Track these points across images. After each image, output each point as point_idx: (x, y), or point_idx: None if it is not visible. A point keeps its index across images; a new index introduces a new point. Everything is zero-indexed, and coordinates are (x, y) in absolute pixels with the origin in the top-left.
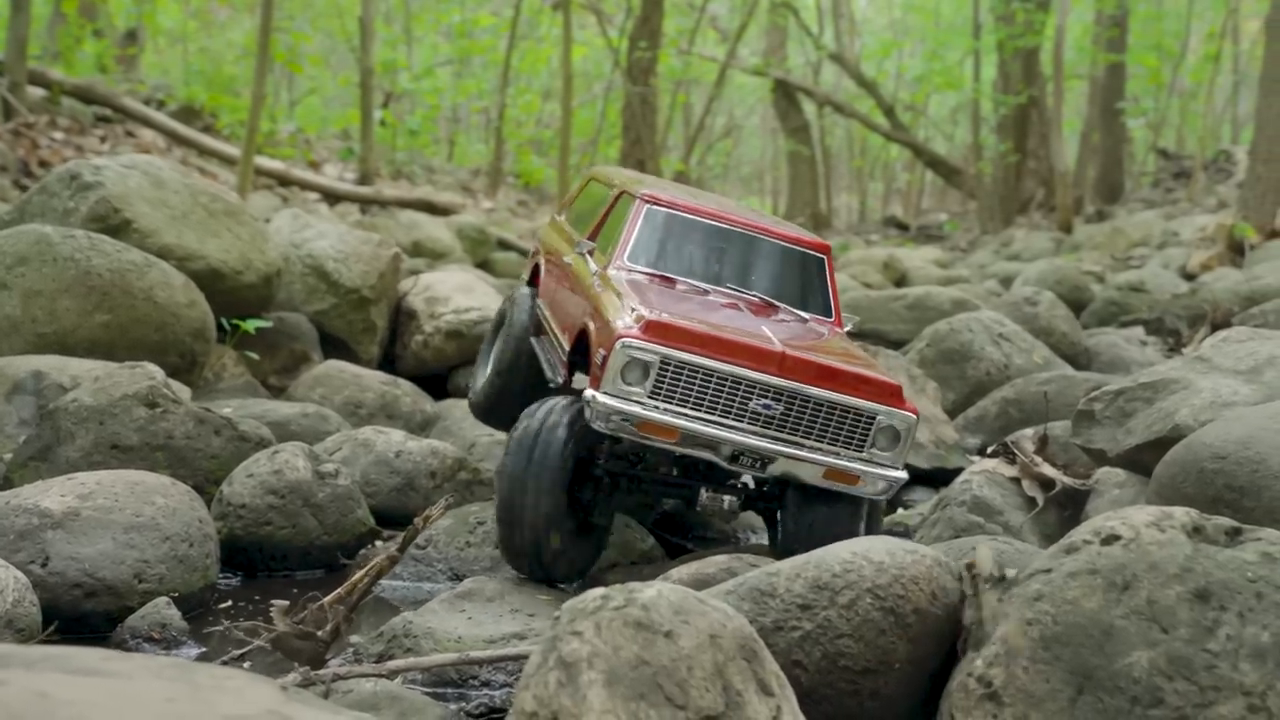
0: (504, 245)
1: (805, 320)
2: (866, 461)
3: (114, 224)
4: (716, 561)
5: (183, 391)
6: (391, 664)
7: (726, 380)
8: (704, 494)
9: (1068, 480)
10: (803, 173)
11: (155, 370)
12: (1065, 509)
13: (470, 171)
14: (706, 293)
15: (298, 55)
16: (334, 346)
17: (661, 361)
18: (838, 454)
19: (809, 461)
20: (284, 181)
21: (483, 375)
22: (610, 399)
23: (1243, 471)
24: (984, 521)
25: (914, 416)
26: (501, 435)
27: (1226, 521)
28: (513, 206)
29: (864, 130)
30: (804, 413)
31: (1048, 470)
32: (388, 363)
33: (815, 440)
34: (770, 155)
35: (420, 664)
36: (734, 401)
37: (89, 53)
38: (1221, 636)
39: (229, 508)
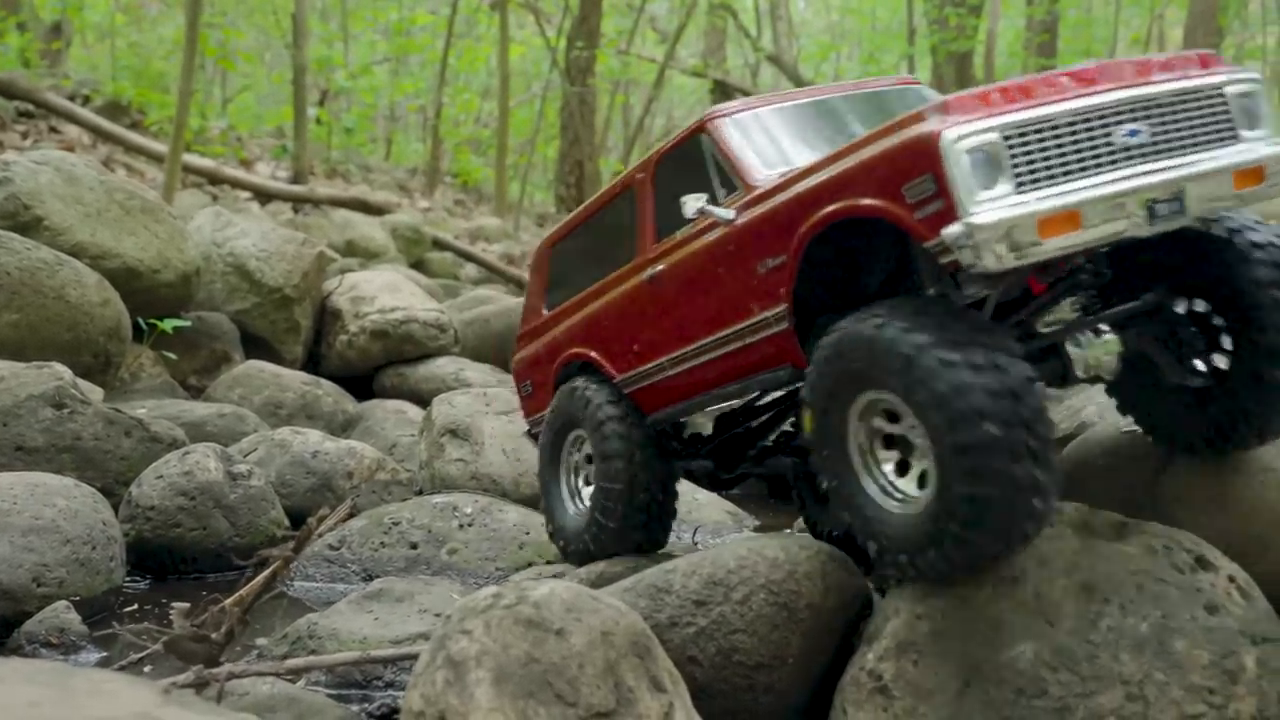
0: (439, 245)
1: None
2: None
3: (24, 221)
4: (623, 559)
5: (94, 392)
6: (288, 663)
7: (1078, 123)
8: (1079, 344)
9: None
10: None
11: (63, 370)
12: None
13: (407, 170)
14: None
15: (229, 52)
16: (257, 346)
17: (1004, 137)
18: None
19: (1214, 172)
20: (214, 180)
21: (573, 512)
22: (989, 212)
23: (1133, 467)
24: None
25: (1258, 75)
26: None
27: (1114, 516)
28: (450, 206)
29: None
30: (1165, 124)
31: None
32: (312, 362)
33: (1192, 152)
34: None
35: (317, 663)
36: (1098, 148)
37: (11, 46)
38: (1103, 628)
39: (138, 509)
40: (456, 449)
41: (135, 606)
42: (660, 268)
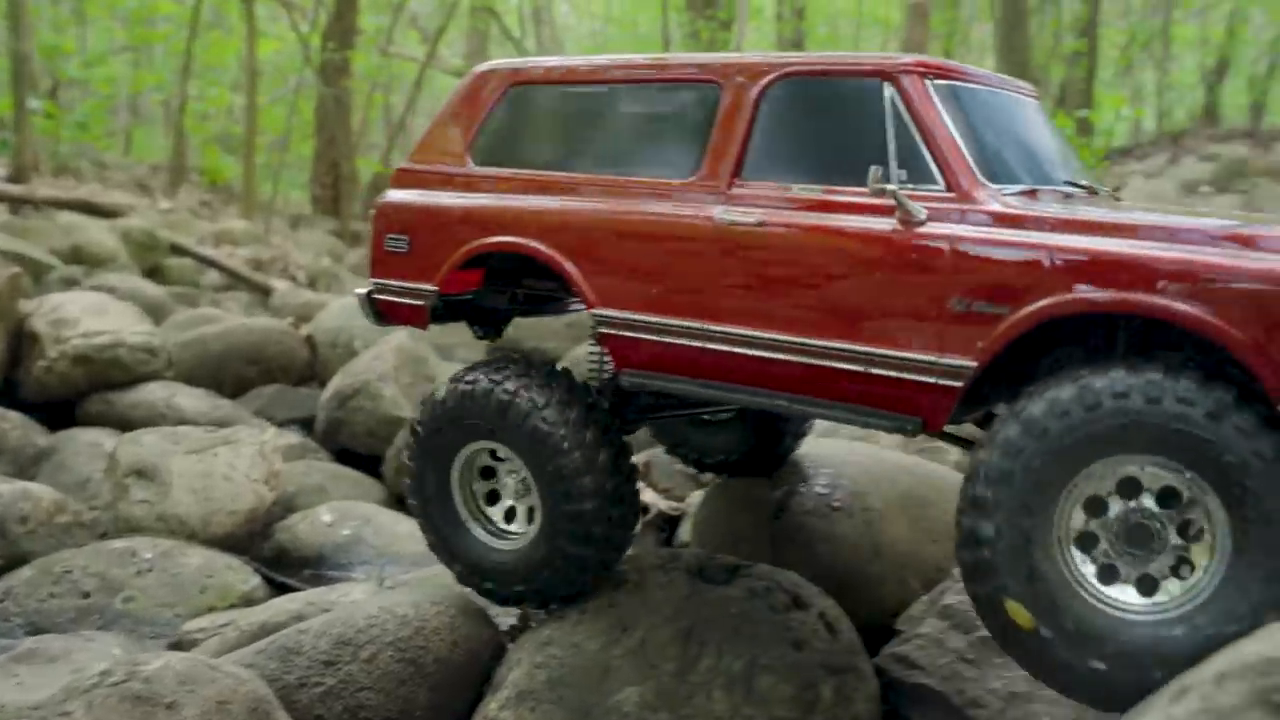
0: (178, 251)
1: None
2: None
3: None
4: (288, 609)
5: None
6: None
7: None
8: None
9: (663, 505)
10: None
11: None
12: (662, 531)
13: (149, 168)
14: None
15: None
16: None
17: None
18: None
19: None
20: None
21: (502, 545)
22: None
23: (753, 512)
24: None
25: None
26: None
27: (730, 560)
28: (194, 207)
29: None
30: None
31: (647, 495)
32: (9, 390)
33: None
34: None
35: None
36: None
37: None
38: (702, 669)
39: None
40: (142, 489)
41: None
42: (764, 220)
